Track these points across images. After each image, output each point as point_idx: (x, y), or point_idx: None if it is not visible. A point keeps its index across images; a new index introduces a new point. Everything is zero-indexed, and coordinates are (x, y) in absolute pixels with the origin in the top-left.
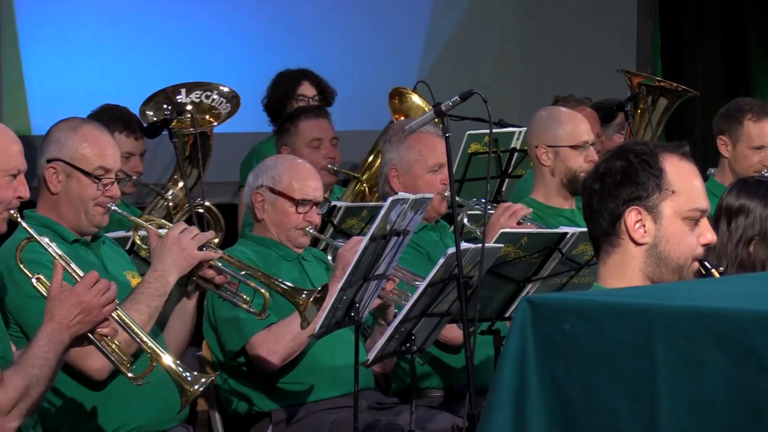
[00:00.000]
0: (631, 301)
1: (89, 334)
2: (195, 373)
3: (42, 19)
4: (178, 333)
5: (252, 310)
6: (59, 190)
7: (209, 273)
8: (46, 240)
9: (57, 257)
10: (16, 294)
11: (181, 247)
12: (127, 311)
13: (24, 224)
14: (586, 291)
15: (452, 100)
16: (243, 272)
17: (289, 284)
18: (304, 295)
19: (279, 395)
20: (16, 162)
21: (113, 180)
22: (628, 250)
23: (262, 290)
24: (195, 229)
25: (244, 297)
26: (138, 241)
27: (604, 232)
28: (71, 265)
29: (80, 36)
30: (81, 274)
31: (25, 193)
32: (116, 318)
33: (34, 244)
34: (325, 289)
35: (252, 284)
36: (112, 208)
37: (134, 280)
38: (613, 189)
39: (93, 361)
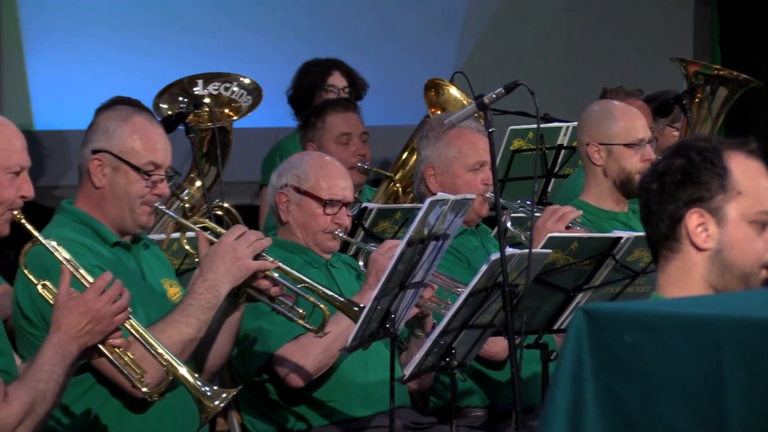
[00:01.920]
0: (698, 311)
1: (99, 346)
2: (215, 388)
3: (46, 7)
4: (221, 346)
5: (309, 326)
6: (104, 184)
7: (264, 284)
8: (53, 243)
9: (64, 261)
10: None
11: (236, 256)
12: (175, 324)
13: (28, 226)
14: (646, 301)
15: (496, 92)
16: (300, 285)
17: (346, 298)
18: (357, 309)
19: (306, 414)
20: (19, 158)
21: (163, 177)
22: (689, 256)
23: (321, 305)
24: (251, 235)
25: (300, 311)
26: (186, 245)
27: (662, 237)
28: (80, 270)
29: (87, 22)
30: (90, 279)
31: (29, 192)
32: (129, 328)
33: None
34: None
35: (311, 299)
36: (160, 207)
37: (171, 289)
38: (673, 189)
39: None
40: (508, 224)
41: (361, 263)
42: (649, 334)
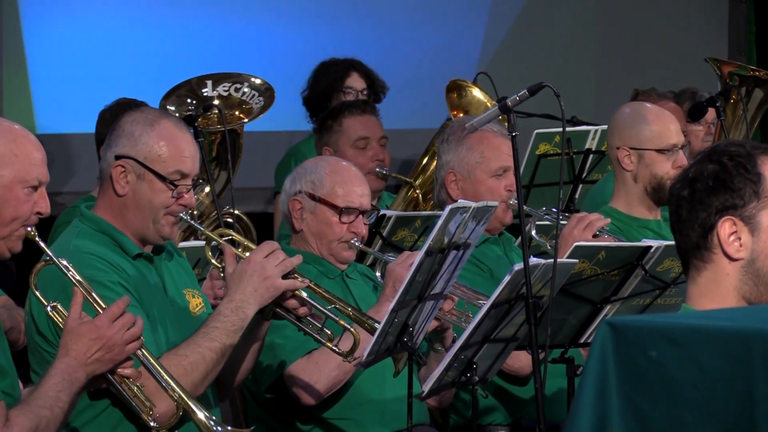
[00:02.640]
0: (727, 324)
1: (108, 374)
2: (229, 428)
3: (47, 8)
4: (246, 362)
5: (337, 349)
6: (126, 191)
7: (292, 303)
8: (64, 262)
9: (77, 283)
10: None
11: (264, 275)
12: (198, 349)
13: (41, 244)
14: (674, 313)
15: (519, 94)
16: (330, 306)
17: (379, 322)
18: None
19: None
20: (38, 172)
21: (190, 187)
22: (721, 266)
23: (352, 329)
24: (281, 254)
25: (329, 333)
26: (210, 258)
27: (693, 246)
28: (93, 293)
29: (90, 22)
30: (104, 305)
31: (45, 208)
32: (140, 357)
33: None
34: None
35: (342, 321)
36: (184, 218)
37: (194, 300)
38: (705, 196)
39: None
40: (533, 233)
41: (378, 274)
42: (675, 349)
